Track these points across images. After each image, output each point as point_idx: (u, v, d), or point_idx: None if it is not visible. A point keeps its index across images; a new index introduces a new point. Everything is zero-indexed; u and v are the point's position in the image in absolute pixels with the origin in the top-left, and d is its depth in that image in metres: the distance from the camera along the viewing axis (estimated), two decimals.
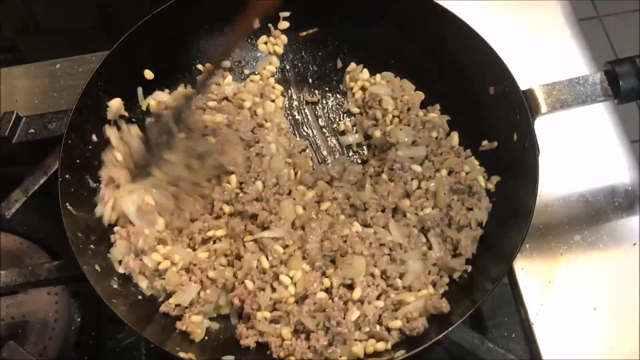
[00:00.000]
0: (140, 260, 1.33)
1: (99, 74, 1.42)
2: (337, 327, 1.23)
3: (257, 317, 1.29)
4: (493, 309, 1.41)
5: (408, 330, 1.25)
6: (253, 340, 1.28)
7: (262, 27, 1.57)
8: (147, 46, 1.49)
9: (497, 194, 1.41)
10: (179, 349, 1.23)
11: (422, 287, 1.31)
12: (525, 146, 1.32)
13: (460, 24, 1.42)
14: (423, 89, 1.55)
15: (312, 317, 1.26)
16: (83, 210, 1.35)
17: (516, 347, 1.39)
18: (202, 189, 1.40)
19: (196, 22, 1.54)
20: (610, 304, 1.41)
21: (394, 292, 1.31)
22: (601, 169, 1.56)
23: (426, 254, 1.35)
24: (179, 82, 1.57)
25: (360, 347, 1.24)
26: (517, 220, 1.27)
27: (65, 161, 1.34)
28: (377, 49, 1.58)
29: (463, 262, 1.33)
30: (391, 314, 1.28)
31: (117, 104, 1.46)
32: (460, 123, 1.49)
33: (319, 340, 1.23)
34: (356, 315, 1.26)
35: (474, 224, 1.36)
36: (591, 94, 1.36)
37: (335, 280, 1.31)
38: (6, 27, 2.02)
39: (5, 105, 1.63)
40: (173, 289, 1.32)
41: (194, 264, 1.34)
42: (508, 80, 1.35)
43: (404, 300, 1.29)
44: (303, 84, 1.63)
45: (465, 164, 1.43)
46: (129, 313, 1.24)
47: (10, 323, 1.40)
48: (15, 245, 1.51)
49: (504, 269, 1.25)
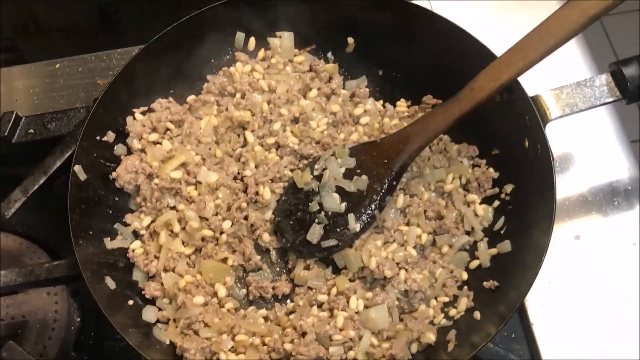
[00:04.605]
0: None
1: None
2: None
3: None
4: None
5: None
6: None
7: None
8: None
9: (512, 201, 1.41)
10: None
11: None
12: (538, 152, 1.32)
13: (466, 36, 1.42)
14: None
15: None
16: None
17: (516, 347, 1.39)
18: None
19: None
20: (610, 304, 1.41)
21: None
22: (601, 169, 1.56)
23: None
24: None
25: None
26: (539, 225, 1.27)
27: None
28: (386, 64, 1.59)
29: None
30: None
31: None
32: (468, 131, 1.48)
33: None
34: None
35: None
36: (599, 96, 1.36)
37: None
38: (6, 27, 2.02)
39: (5, 105, 1.64)
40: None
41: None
42: (515, 86, 1.35)
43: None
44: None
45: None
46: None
47: (10, 323, 1.40)
48: (15, 245, 1.51)
49: (532, 278, 1.23)
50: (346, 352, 1.27)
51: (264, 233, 1.44)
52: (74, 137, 1.46)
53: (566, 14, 1.25)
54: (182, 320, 1.32)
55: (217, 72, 1.57)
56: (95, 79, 1.71)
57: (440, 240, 1.41)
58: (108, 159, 1.44)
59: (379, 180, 1.38)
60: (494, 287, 1.33)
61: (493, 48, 1.37)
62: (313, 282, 1.38)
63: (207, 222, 1.42)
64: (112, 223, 1.41)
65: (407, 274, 1.35)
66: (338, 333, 1.27)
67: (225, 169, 1.47)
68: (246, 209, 1.44)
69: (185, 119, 1.50)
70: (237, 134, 1.52)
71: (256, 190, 1.44)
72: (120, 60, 1.73)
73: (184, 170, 1.43)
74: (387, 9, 1.50)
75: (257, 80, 1.54)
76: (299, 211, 1.41)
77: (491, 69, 1.31)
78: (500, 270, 1.35)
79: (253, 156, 1.47)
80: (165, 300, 1.36)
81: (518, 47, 1.28)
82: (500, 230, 1.40)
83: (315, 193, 1.40)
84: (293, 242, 1.40)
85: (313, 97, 1.54)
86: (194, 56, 1.55)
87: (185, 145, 1.48)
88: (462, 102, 1.34)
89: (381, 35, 1.54)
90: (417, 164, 1.46)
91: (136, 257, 1.39)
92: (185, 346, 1.28)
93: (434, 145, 1.49)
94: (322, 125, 1.50)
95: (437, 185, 1.46)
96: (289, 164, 1.48)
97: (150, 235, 1.43)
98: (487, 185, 1.45)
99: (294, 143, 1.49)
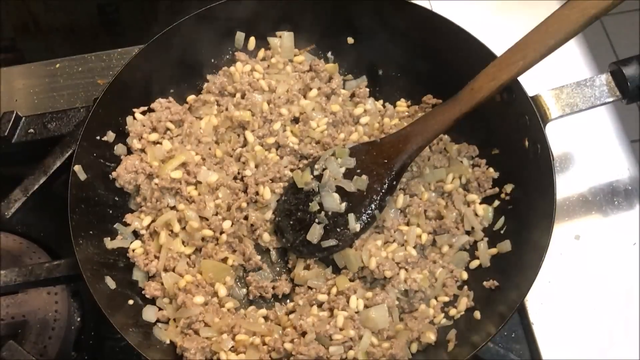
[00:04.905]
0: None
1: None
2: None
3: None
4: None
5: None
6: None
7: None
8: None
9: (512, 201, 1.41)
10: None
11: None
12: (538, 152, 1.32)
13: (466, 36, 1.42)
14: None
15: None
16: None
17: (516, 346, 1.39)
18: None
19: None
20: (610, 304, 1.41)
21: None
22: (601, 169, 1.56)
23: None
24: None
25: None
26: (539, 225, 1.27)
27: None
28: (384, 63, 1.59)
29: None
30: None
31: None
32: (468, 131, 1.48)
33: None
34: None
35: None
36: (599, 96, 1.36)
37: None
38: (6, 27, 2.02)
39: (5, 105, 1.64)
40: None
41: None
42: (515, 86, 1.35)
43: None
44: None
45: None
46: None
47: (10, 323, 1.40)
48: (15, 245, 1.50)
49: (532, 278, 1.23)
50: (346, 352, 1.26)
51: (264, 233, 1.44)
52: (74, 137, 1.46)
53: (566, 14, 1.25)
54: (182, 319, 1.32)
55: (217, 72, 1.57)
56: (95, 78, 1.71)
57: (440, 240, 1.41)
58: (108, 159, 1.44)
59: (379, 180, 1.38)
60: (494, 286, 1.33)
61: (493, 48, 1.37)
62: (313, 282, 1.38)
63: (207, 222, 1.42)
64: (112, 223, 1.41)
65: (407, 274, 1.35)
66: (338, 333, 1.27)
67: (225, 168, 1.47)
68: (246, 209, 1.44)
69: (185, 118, 1.50)
70: (237, 133, 1.52)
71: (256, 190, 1.44)
72: (120, 60, 1.73)
73: (184, 170, 1.43)
74: (388, 8, 1.51)
75: (257, 80, 1.54)
76: (299, 211, 1.41)
77: (491, 68, 1.31)
78: (500, 270, 1.35)
79: (253, 156, 1.47)
80: (165, 299, 1.36)
81: (518, 47, 1.28)
82: (500, 230, 1.40)
83: (315, 193, 1.40)
84: (293, 242, 1.40)
85: (313, 97, 1.54)
86: (194, 56, 1.55)
87: (185, 145, 1.48)
88: (462, 102, 1.34)
89: (381, 35, 1.54)
90: (417, 163, 1.46)
91: (136, 257, 1.39)
92: (185, 346, 1.28)
93: (434, 145, 1.49)
94: (322, 125, 1.50)
95: (437, 185, 1.46)
96: (289, 164, 1.48)
97: (150, 235, 1.43)
98: (487, 185, 1.45)
99: (294, 143, 1.49)
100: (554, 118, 1.35)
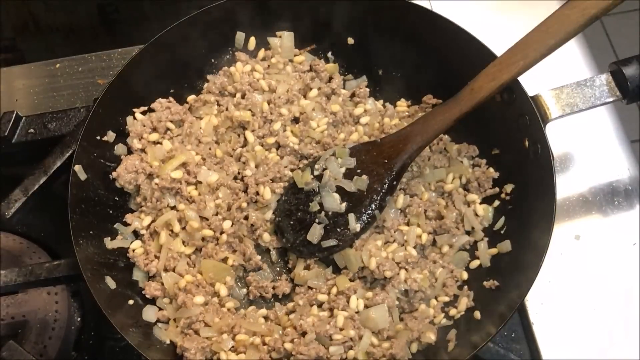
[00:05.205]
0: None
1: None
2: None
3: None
4: None
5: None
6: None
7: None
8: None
9: (512, 201, 1.41)
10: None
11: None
12: (539, 152, 1.32)
13: (466, 35, 1.42)
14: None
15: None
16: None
17: (516, 346, 1.39)
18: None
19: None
20: (610, 304, 1.41)
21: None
22: (601, 169, 1.56)
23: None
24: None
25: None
26: (539, 225, 1.27)
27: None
28: (384, 63, 1.59)
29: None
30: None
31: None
32: (468, 131, 1.48)
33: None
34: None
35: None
36: (599, 96, 1.36)
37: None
38: (6, 27, 2.02)
39: (5, 105, 1.64)
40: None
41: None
42: (515, 86, 1.35)
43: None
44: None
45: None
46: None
47: (10, 323, 1.40)
48: (15, 245, 1.50)
49: (532, 278, 1.23)
50: (346, 352, 1.27)
51: (264, 233, 1.44)
52: (74, 136, 1.46)
53: (566, 14, 1.25)
54: (183, 319, 1.32)
55: (217, 72, 1.57)
56: (95, 78, 1.71)
57: (441, 240, 1.41)
58: (108, 159, 1.44)
59: (379, 180, 1.38)
60: (494, 286, 1.33)
61: (493, 48, 1.37)
62: (313, 282, 1.38)
63: (208, 222, 1.42)
64: (112, 223, 1.41)
65: (407, 274, 1.35)
66: (338, 333, 1.27)
67: (225, 168, 1.47)
68: (246, 209, 1.44)
69: (185, 118, 1.50)
70: (237, 133, 1.53)
71: (256, 190, 1.44)
72: (120, 60, 1.73)
73: (184, 170, 1.43)
74: (387, 8, 1.51)
75: (257, 80, 1.54)
76: (299, 211, 1.41)
77: (491, 68, 1.31)
78: (501, 270, 1.35)
79: (253, 156, 1.47)
80: (165, 299, 1.37)
81: (518, 47, 1.29)
82: (501, 230, 1.40)
83: (315, 193, 1.40)
84: (293, 242, 1.40)
85: (313, 97, 1.54)
86: (194, 56, 1.56)
87: (186, 145, 1.48)
88: (462, 102, 1.34)
89: (381, 35, 1.55)
90: (417, 163, 1.47)
91: (136, 257, 1.39)
92: (185, 346, 1.28)
93: (434, 145, 1.49)
94: (322, 125, 1.50)
95: (437, 185, 1.46)
96: (289, 164, 1.48)
97: (150, 235, 1.43)
98: (487, 185, 1.45)
99: (294, 143, 1.49)
100: (554, 118, 1.35)
